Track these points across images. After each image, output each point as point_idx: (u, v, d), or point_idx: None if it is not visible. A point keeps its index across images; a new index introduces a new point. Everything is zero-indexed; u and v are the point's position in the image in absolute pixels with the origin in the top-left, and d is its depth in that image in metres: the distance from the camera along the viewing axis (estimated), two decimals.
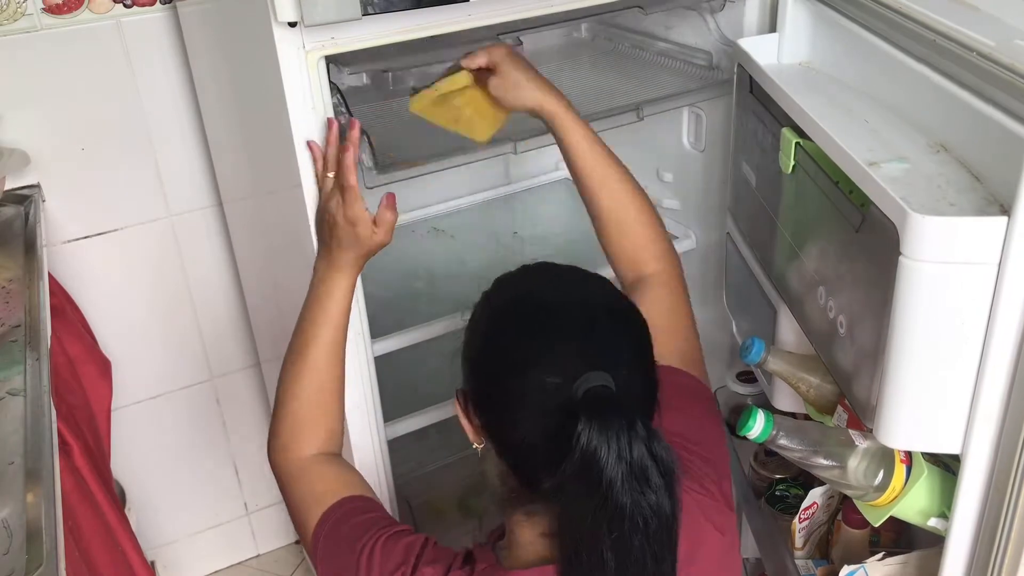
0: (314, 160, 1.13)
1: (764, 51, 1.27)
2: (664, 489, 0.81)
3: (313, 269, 1.14)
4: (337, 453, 1.13)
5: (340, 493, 1.03)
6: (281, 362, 1.14)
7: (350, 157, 1.09)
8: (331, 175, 1.11)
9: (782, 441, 1.06)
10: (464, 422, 0.95)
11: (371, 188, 1.23)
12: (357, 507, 1.02)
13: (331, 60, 1.12)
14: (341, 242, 1.10)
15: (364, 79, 1.32)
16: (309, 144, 1.12)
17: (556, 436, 0.81)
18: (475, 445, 0.95)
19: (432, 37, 1.13)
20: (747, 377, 1.58)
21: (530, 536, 0.92)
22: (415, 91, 1.20)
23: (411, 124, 1.26)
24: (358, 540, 0.96)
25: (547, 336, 0.87)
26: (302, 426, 1.10)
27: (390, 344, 1.41)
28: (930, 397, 0.93)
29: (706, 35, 1.52)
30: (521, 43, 1.32)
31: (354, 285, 1.13)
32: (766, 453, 1.51)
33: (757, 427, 1.05)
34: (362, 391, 1.28)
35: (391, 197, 1.11)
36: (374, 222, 1.09)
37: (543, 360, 0.85)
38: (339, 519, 1.00)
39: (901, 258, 0.86)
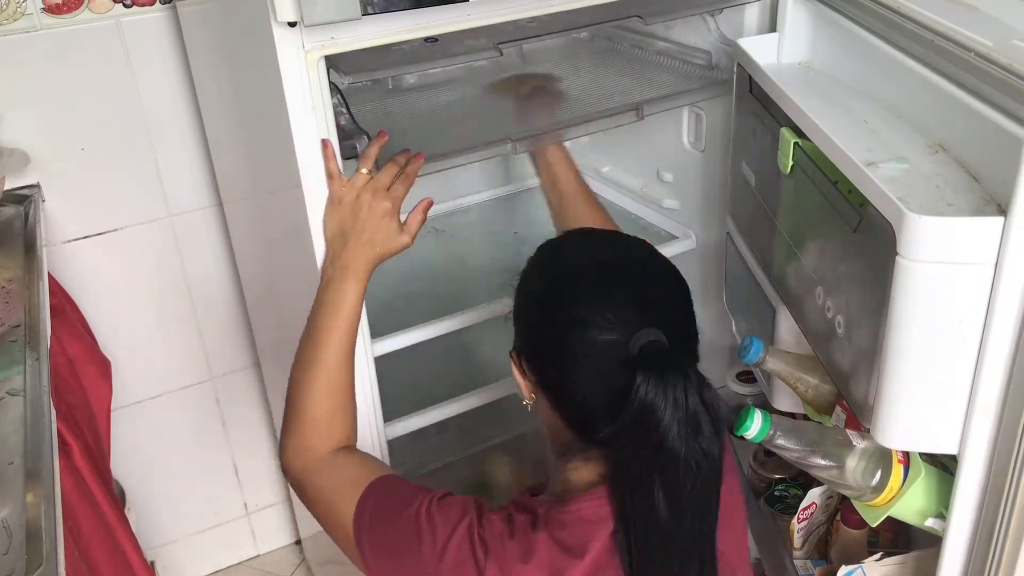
0: (327, 159, 1.12)
1: (764, 51, 1.27)
2: (714, 434, 0.88)
3: (323, 275, 1.13)
4: (353, 445, 1.13)
5: (372, 475, 1.03)
6: (281, 363, 1.14)
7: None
8: (364, 171, 1.12)
9: (779, 441, 1.06)
10: (519, 379, 1.01)
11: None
12: (395, 481, 1.03)
13: (331, 66, 1.12)
14: (362, 243, 1.10)
15: (364, 79, 1.32)
16: (324, 142, 1.11)
17: (613, 389, 0.87)
18: (526, 401, 1.02)
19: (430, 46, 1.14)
20: (747, 377, 1.58)
21: (588, 477, 0.96)
22: None
23: (411, 124, 1.26)
24: (409, 506, 0.97)
25: (601, 296, 0.92)
26: (318, 425, 1.10)
27: (390, 344, 1.41)
28: (927, 397, 0.93)
29: (705, 35, 1.52)
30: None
31: (364, 291, 1.13)
32: (765, 453, 1.51)
33: (754, 427, 1.05)
34: (362, 391, 1.28)
35: (429, 202, 1.14)
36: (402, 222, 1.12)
37: (599, 319, 0.90)
38: (381, 496, 1.00)
39: (898, 258, 0.86)
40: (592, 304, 0.91)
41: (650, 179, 1.76)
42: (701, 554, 0.92)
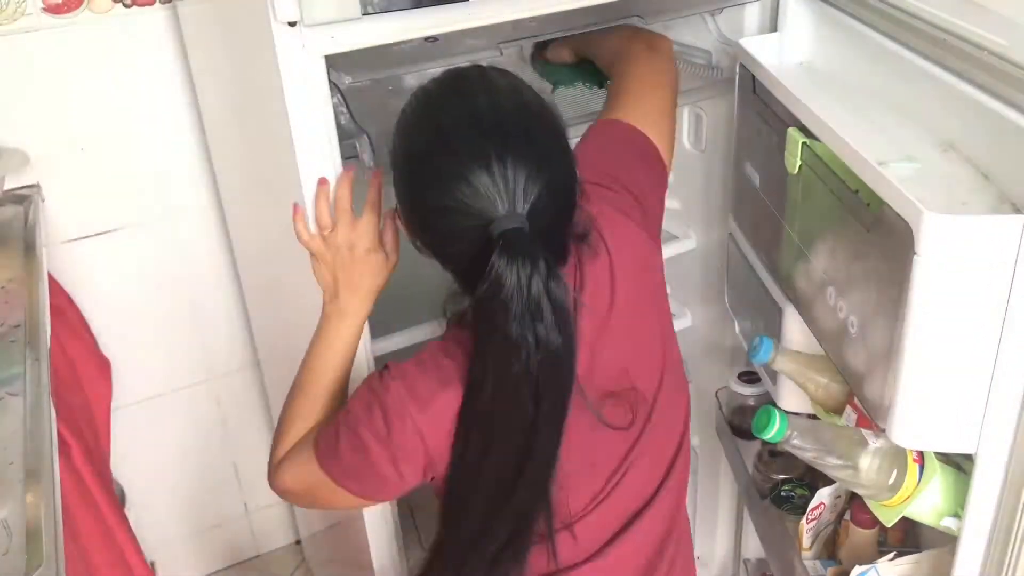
0: (296, 221, 1.10)
1: (765, 51, 1.27)
2: (554, 324, 0.91)
3: (322, 313, 1.14)
4: None
5: (313, 430, 1.10)
6: (281, 363, 1.14)
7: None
8: (326, 232, 1.09)
9: (796, 441, 1.06)
10: (404, 230, 1.04)
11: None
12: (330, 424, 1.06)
13: (331, 66, 1.11)
14: (354, 286, 1.11)
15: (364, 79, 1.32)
16: (294, 207, 1.11)
17: (475, 264, 0.90)
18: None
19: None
20: (749, 377, 1.58)
21: None
22: None
23: None
24: (338, 419, 1.02)
25: (466, 184, 0.90)
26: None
27: (390, 344, 1.41)
28: (944, 397, 0.93)
29: (705, 34, 1.52)
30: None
31: (364, 324, 1.14)
32: (770, 453, 1.51)
33: (774, 428, 1.05)
34: None
35: (390, 217, 1.11)
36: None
37: (461, 207, 0.91)
38: (323, 433, 1.05)
39: (915, 257, 0.86)
40: (457, 192, 0.91)
41: None
42: (525, 442, 0.95)
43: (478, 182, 0.90)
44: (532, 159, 0.92)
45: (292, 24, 1.02)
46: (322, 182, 1.09)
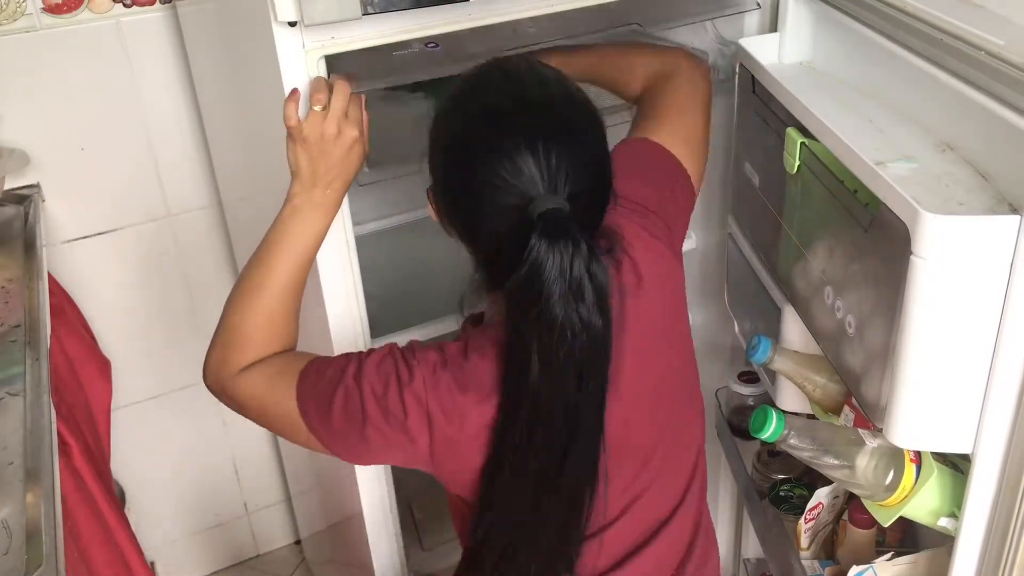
0: (289, 100, 1.06)
1: (765, 51, 1.27)
2: (596, 306, 0.90)
3: (288, 201, 1.09)
4: None
5: (298, 363, 1.03)
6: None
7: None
8: (319, 108, 1.05)
9: (792, 441, 1.06)
10: (434, 217, 1.02)
11: (363, 185, 1.22)
12: (323, 359, 1.03)
13: (331, 66, 1.11)
14: (333, 177, 1.07)
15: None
16: (294, 90, 1.06)
17: (513, 246, 0.88)
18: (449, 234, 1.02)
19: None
20: (748, 377, 1.58)
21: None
22: None
23: (409, 122, 1.25)
24: (340, 385, 0.98)
25: (507, 161, 0.90)
26: (250, 344, 1.08)
27: None
28: (941, 397, 0.93)
29: (703, 36, 1.52)
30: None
31: (330, 226, 1.10)
32: (769, 453, 1.51)
33: (771, 427, 1.05)
34: None
35: (345, 87, 1.07)
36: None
37: (502, 184, 0.90)
38: (313, 388, 1.00)
39: (913, 257, 0.86)
40: (497, 168, 0.90)
41: None
42: (574, 424, 0.94)
43: (522, 161, 0.89)
44: (575, 146, 0.92)
45: (292, 24, 1.02)
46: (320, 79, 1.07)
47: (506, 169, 0.89)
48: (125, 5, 1.58)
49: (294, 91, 1.06)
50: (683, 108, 1.22)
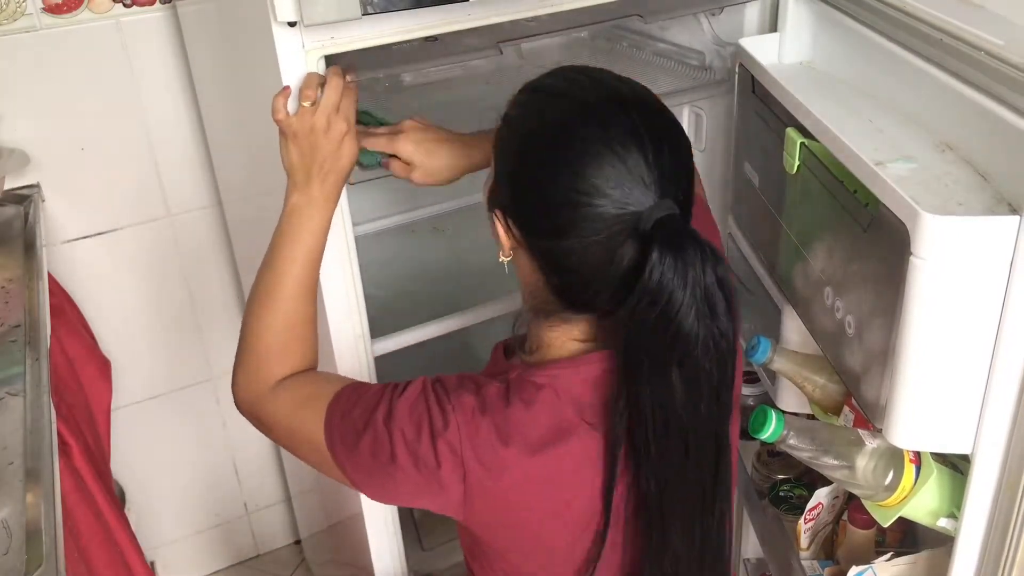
0: (277, 96, 1.04)
1: (765, 51, 1.27)
2: (727, 313, 0.82)
3: (286, 202, 1.07)
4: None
5: (330, 387, 0.97)
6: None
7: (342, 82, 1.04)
8: (308, 104, 1.02)
9: (792, 441, 1.06)
10: (501, 236, 0.92)
11: (353, 184, 1.22)
12: (353, 394, 0.96)
13: (331, 66, 1.11)
14: (326, 172, 1.04)
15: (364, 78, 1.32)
16: (284, 88, 1.05)
17: (618, 265, 0.81)
18: (503, 259, 0.94)
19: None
20: (748, 378, 1.58)
21: (564, 339, 0.92)
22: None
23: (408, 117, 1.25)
24: (372, 417, 0.91)
25: (610, 163, 0.81)
26: (273, 356, 1.04)
27: (390, 344, 1.41)
28: (940, 397, 0.93)
29: (700, 35, 1.52)
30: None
31: (331, 218, 1.08)
32: (769, 454, 1.51)
33: (771, 428, 1.05)
34: None
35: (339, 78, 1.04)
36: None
37: (607, 190, 0.81)
38: (344, 414, 0.94)
39: (912, 258, 0.86)
40: (600, 172, 0.81)
41: None
42: (717, 440, 0.88)
43: (631, 162, 0.81)
44: (676, 145, 0.85)
45: (292, 24, 1.02)
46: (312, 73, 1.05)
47: (611, 174, 0.81)
48: (125, 5, 1.58)
49: (285, 88, 1.05)
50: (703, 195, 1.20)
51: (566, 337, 0.93)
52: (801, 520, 1.31)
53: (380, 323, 1.33)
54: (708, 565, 0.94)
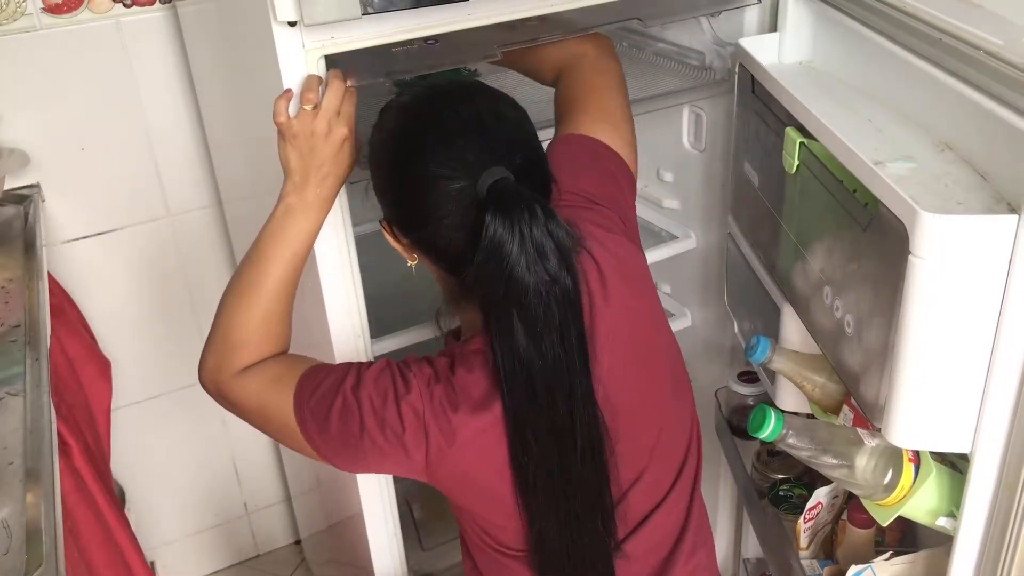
0: (279, 99, 1.05)
1: (765, 51, 1.27)
2: (561, 262, 0.92)
3: (281, 200, 1.08)
4: None
5: (296, 369, 1.04)
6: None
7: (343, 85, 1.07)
8: (309, 107, 1.04)
9: (791, 440, 1.06)
10: (396, 246, 1.04)
11: (353, 183, 1.22)
12: (317, 374, 1.03)
13: (331, 66, 1.11)
14: (324, 175, 1.06)
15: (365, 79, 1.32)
16: (286, 91, 1.06)
17: (473, 231, 0.91)
18: (410, 263, 1.05)
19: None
20: (748, 377, 1.58)
21: (477, 319, 1.00)
22: None
23: None
24: (338, 394, 0.99)
25: (443, 148, 0.94)
26: (245, 348, 1.07)
27: (390, 344, 1.41)
28: (939, 396, 0.93)
29: (699, 36, 1.52)
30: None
31: (322, 225, 1.10)
32: (768, 453, 1.51)
33: (770, 427, 1.05)
34: None
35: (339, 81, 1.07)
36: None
37: (446, 171, 0.93)
38: (312, 394, 1.01)
39: (911, 257, 0.86)
40: (437, 158, 0.94)
41: (650, 179, 1.76)
42: (570, 381, 0.96)
43: (463, 141, 0.94)
44: (506, 122, 0.97)
45: (292, 24, 1.02)
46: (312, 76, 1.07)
47: (446, 156, 0.93)
48: (125, 5, 1.58)
49: (287, 90, 1.06)
50: (597, 92, 1.22)
51: (475, 317, 1.01)
52: (801, 520, 1.31)
53: (380, 323, 1.34)
54: (580, 500, 1.00)
